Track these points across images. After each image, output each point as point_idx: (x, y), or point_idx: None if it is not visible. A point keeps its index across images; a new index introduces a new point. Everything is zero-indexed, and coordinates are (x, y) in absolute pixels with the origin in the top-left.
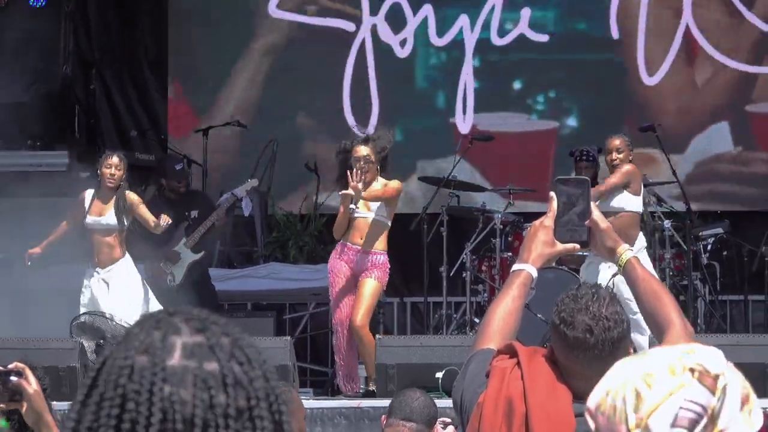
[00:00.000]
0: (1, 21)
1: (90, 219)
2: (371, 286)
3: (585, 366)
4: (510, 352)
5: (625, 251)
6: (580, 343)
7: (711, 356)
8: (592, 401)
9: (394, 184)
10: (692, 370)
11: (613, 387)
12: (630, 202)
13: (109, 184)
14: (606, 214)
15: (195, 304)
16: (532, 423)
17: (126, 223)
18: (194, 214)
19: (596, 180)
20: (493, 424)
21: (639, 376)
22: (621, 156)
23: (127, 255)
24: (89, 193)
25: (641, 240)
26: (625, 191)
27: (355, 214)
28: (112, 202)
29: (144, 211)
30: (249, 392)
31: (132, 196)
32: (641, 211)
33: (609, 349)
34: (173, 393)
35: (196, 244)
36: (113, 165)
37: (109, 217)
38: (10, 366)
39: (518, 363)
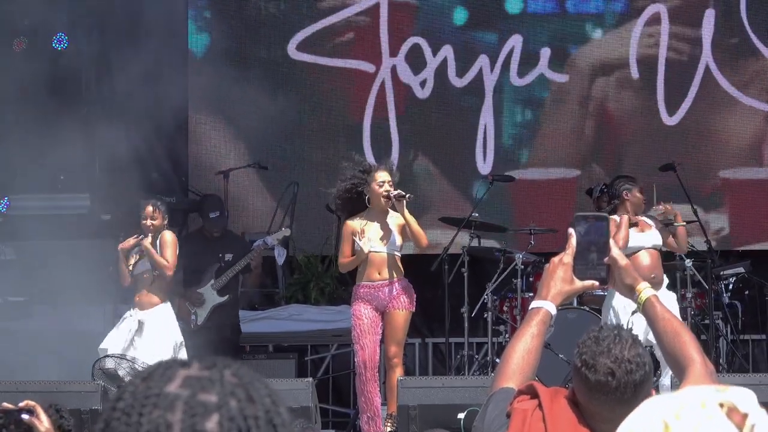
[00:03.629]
0: (24, 64)
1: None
2: (400, 318)
3: (607, 409)
4: (531, 392)
5: (644, 289)
6: (602, 386)
7: (743, 395)
8: None
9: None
10: (722, 405)
11: (638, 423)
12: (643, 239)
13: (150, 234)
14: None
15: (218, 347)
16: None
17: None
18: (228, 257)
19: (617, 211)
20: None
21: (669, 410)
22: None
23: (167, 302)
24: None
25: (665, 280)
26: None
27: (371, 250)
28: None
29: (166, 253)
30: (241, 427)
31: (165, 237)
32: (660, 246)
33: (631, 392)
34: (160, 416)
35: (222, 288)
36: (148, 215)
37: (145, 261)
38: (21, 404)
39: (539, 404)
